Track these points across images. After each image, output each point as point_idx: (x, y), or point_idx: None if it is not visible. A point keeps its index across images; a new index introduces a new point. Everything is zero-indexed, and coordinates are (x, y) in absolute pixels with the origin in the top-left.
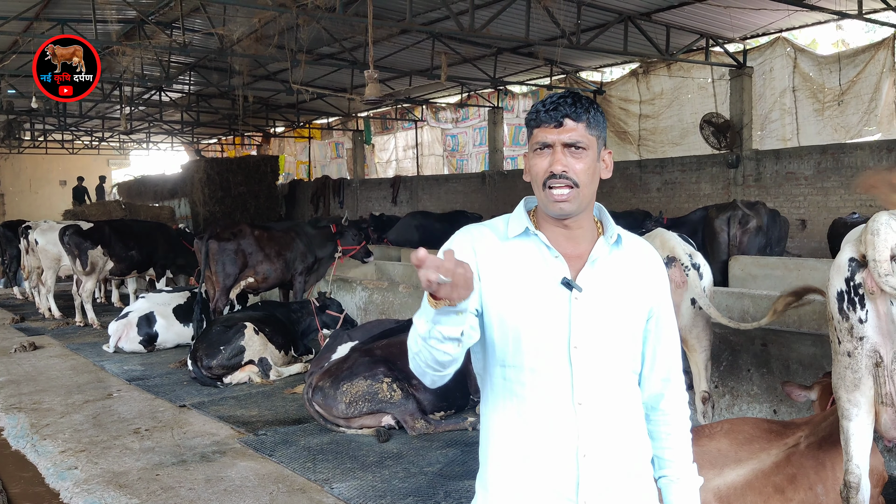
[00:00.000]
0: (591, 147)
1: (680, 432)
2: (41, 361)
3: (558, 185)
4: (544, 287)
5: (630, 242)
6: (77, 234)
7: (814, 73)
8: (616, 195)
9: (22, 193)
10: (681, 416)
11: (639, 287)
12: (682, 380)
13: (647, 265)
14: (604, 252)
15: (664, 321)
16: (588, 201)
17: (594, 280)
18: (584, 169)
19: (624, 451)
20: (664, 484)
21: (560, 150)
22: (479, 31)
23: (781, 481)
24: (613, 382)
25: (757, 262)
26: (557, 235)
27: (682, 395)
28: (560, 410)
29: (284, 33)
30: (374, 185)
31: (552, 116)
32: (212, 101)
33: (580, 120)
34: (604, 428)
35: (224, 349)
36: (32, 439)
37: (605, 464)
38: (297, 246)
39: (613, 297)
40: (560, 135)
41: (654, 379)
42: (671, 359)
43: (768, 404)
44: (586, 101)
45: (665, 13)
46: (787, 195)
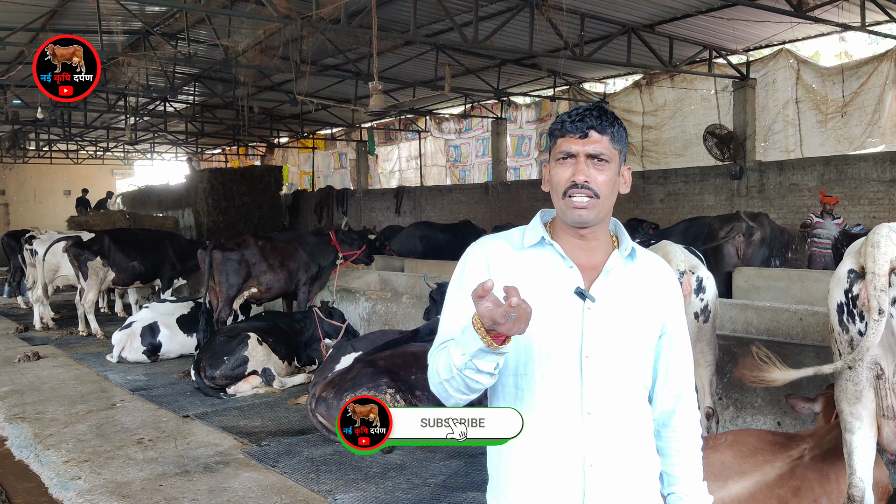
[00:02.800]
0: (613, 160)
1: (690, 449)
2: (45, 371)
3: (579, 195)
4: (558, 296)
5: (644, 257)
6: (76, 246)
7: (817, 84)
8: (619, 206)
9: (26, 203)
10: (692, 434)
11: (652, 301)
12: (695, 397)
13: (661, 281)
14: (618, 264)
15: (677, 337)
16: (606, 213)
17: (608, 291)
18: (605, 181)
19: (631, 463)
20: (673, 501)
21: (584, 160)
22: (482, 42)
23: (786, 494)
24: (623, 394)
25: (760, 273)
26: (573, 246)
27: (693, 412)
28: (568, 420)
29: (289, 44)
30: (378, 196)
31: (578, 127)
32: (216, 112)
33: (605, 133)
34: (612, 439)
35: (227, 359)
36: (36, 449)
37: (611, 475)
38: (301, 256)
39: (626, 308)
40: (585, 146)
41: (666, 395)
42: (684, 375)
43: (772, 416)
44: (611, 116)
45: (668, 25)
46: (790, 206)
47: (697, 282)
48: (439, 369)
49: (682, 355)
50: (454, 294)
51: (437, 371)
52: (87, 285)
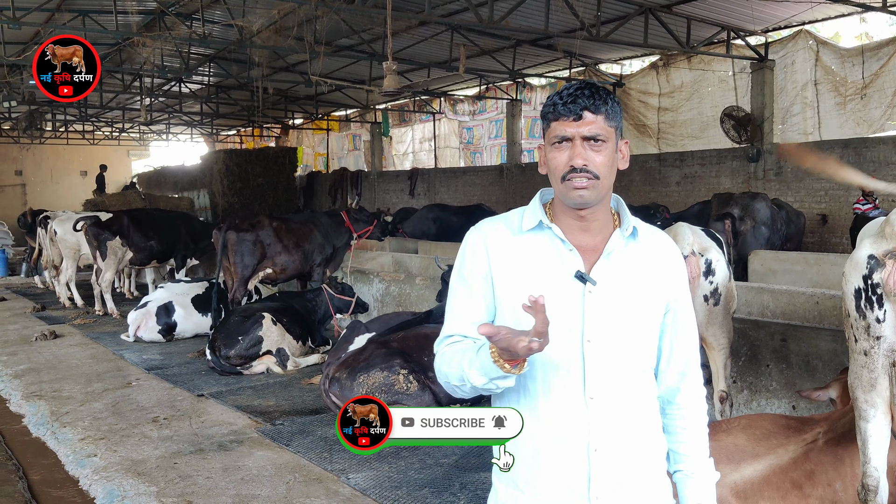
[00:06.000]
0: (610, 139)
1: (696, 427)
2: (61, 350)
3: (579, 178)
4: (558, 280)
5: (647, 235)
6: (95, 225)
7: (836, 66)
8: (635, 189)
9: (43, 184)
10: (697, 411)
11: (655, 280)
12: (700, 374)
13: (665, 258)
14: (619, 245)
15: (682, 315)
16: (606, 192)
17: (609, 273)
18: (604, 161)
19: (636, 446)
20: (679, 478)
21: (580, 143)
22: (498, 22)
23: (799, 477)
24: (627, 377)
25: (777, 256)
26: (573, 228)
27: (698, 389)
28: (571, 405)
29: (304, 25)
30: (392, 178)
31: (571, 109)
32: (231, 93)
33: (599, 112)
34: (616, 423)
35: (242, 339)
36: (52, 427)
37: (616, 459)
38: (316, 237)
39: (629, 290)
40: (580, 128)
41: (671, 373)
42: (688, 353)
43: (787, 400)
44: (604, 92)
45: (686, 5)
46: (807, 190)
47: (706, 264)
48: (449, 375)
49: (686, 333)
50: (456, 284)
51: (447, 374)
52: (105, 265)
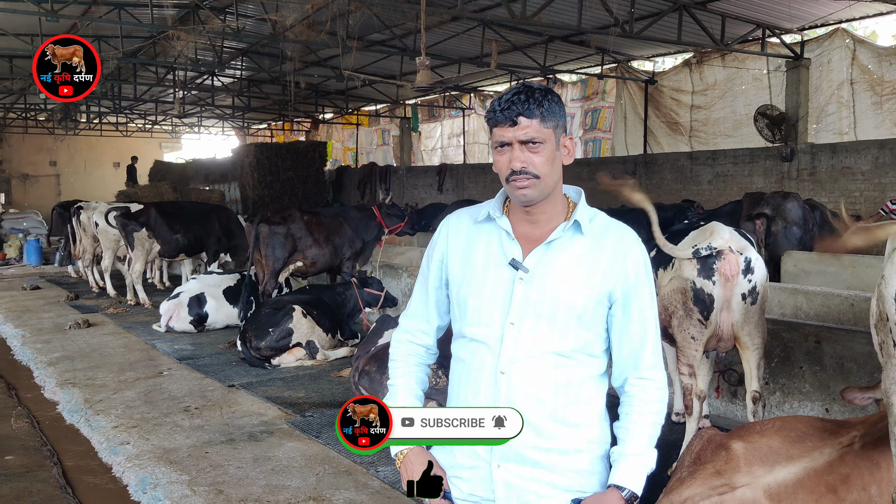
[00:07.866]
0: (547, 140)
1: (639, 415)
2: (95, 339)
3: (520, 179)
4: (495, 267)
5: (600, 227)
6: (124, 216)
7: (873, 65)
8: (666, 187)
9: (77, 175)
10: (643, 401)
11: (597, 271)
12: (656, 366)
13: (615, 251)
14: (562, 235)
15: (633, 306)
16: (551, 188)
17: (544, 262)
18: (543, 161)
19: (553, 422)
20: (613, 459)
21: (518, 147)
22: (530, 18)
23: (834, 481)
24: (545, 359)
25: (810, 258)
26: (521, 220)
27: (649, 380)
28: (485, 378)
29: (336, 19)
30: (421, 173)
31: (506, 115)
32: (262, 87)
33: (533, 116)
34: (525, 399)
35: (273, 331)
36: (86, 414)
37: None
38: (346, 231)
39: (560, 278)
40: (516, 132)
41: (620, 363)
42: (638, 344)
43: (820, 403)
44: (539, 95)
45: (721, 2)
46: (842, 190)
47: (745, 262)
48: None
49: (636, 324)
50: (423, 265)
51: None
52: (135, 256)
